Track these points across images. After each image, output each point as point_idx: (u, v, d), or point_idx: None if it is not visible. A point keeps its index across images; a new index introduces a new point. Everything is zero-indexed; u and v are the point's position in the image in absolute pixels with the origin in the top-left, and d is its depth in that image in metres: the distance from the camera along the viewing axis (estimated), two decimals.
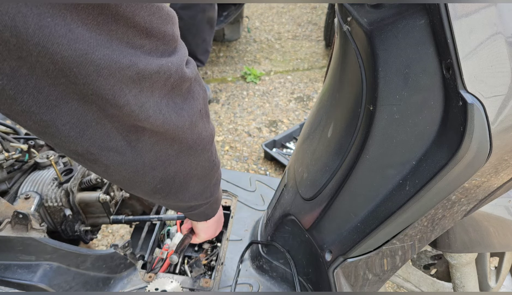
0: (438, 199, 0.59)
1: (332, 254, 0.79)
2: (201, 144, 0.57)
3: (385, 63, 0.58)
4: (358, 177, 0.69)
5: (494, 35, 0.48)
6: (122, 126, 0.44)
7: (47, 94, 0.37)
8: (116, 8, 0.35)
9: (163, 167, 0.54)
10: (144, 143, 0.48)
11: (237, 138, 2.59)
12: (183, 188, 0.63)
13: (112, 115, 0.42)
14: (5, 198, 1.08)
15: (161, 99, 0.45)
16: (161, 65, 0.42)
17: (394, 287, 1.70)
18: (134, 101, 0.41)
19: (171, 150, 0.53)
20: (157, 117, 0.45)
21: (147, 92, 0.42)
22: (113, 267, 1.03)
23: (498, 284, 1.08)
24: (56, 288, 0.92)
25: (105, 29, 0.35)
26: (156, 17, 0.40)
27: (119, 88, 0.39)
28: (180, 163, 0.56)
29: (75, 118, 0.40)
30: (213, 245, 1.25)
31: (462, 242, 0.80)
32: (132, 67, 0.38)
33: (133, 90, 0.40)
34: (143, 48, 0.40)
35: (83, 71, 0.35)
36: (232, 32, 3.78)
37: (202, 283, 1.04)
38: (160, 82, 0.43)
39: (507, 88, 0.49)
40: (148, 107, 0.43)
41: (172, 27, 0.44)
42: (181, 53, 0.47)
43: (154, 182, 0.56)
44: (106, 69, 0.36)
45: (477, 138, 0.50)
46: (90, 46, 0.34)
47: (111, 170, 0.50)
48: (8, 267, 0.92)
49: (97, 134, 0.43)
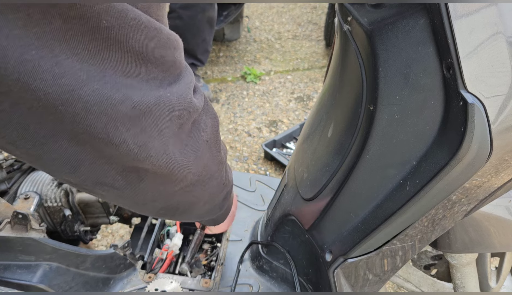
0: (438, 199, 0.59)
1: (332, 254, 0.79)
2: (208, 174, 0.54)
3: (386, 63, 0.58)
4: (358, 177, 0.69)
5: (495, 35, 0.48)
6: (121, 166, 0.40)
7: (33, 131, 0.33)
8: (107, 32, 0.31)
9: (165, 200, 0.51)
10: (146, 184, 0.45)
11: (237, 138, 2.59)
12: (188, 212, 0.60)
13: (110, 156, 0.38)
14: (5, 198, 1.08)
15: (169, 139, 0.41)
16: (159, 96, 0.37)
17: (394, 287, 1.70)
18: (132, 140, 0.37)
19: (177, 187, 0.49)
20: (160, 158, 0.41)
21: (151, 132, 0.38)
22: (113, 267, 1.03)
23: (499, 285, 1.08)
24: (55, 288, 0.92)
25: (97, 58, 0.32)
26: (153, 41, 0.35)
27: (113, 127, 0.35)
28: (185, 195, 0.53)
29: (65, 157, 0.36)
30: (213, 245, 1.25)
31: (462, 242, 0.80)
32: (126, 102, 0.34)
33: (132, 129, 0.36)
34: (139, 77, 0.35)
35: (70, 109, 0.32)
36: (232, 32, 3.78)
37: (202, 283, 1.04)
38: (164, 117, 0.38)
39: (507, 88, 0.49)
40: (151, 147, 0.39)
41: (174, 52, 0.39)
42: (185, 81, 0.42)
43: (155, 209, 0.53)
44: (96, 106, 0.32)
45: (477, 138, 0.50)
46: (78, 80, 0.31)
47: (108, 198, 0.48)
48: (8, 267, 0.92)
49: (92, 172, 0.39)
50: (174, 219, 0.63)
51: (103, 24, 0.30)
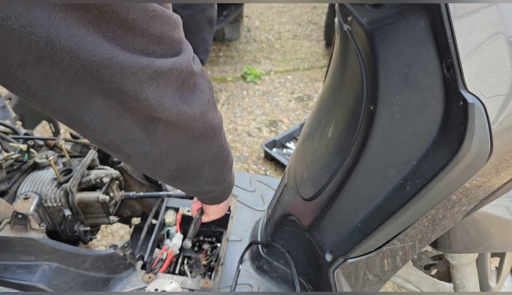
0: (438, 199, 0.59)
1: (333, 255, 0.79)
2: (211, 131, 0.63)
3: (386, 63, 0.58)
4: (358, 177, 0.69)
5: (495, 35, 0.48)
6: (140, 118, 0.50)
7: (76, 94, 0.42)
8: (134, 22, 0.40)
9: (177, 154, 0.60)
10: (160, 133, 0.54)
11: (237, 138, 2.59)
12: (197, 174, 0.69)
13: (131, 109, 0.47)
14: (5, 198, 1.07)
15: (173, 93, 0.51)
16: (173, 62, 0.48)
17: (394, 287, 1.70)
18: (152, 96, 0.47)
19: (184, 137, 0.58)
20: (172, 109, 0.51)
21: (162, 88, 0.48)
22: (113, 268, 1.03)
23: (499, 285, 1.08)
24: (55, 288, 0.92)
25: (123, 40, 0.41)
26: (166, 26, 0.45)
27: (139, 85, 0.44)
28: (193, 149, 0.62)
29: (100, 114, 0.46)
30: (213, 245, 1.25)
31: (462, 242, 0.80)
32: (150, 66, 0.44)
33: (151, 87, 0.46)
34: (155, 54, 0.45)
35: (109, 72, 0.41)
36: (232, 32, 3.78)
37: (202, 284, 1.04)
38: (173, 78, 0.49)
39: (507, 88, 0.49)
40: (165, 101, 0.49)
41: (179, 32, 0.49)
42: (188, 51, 0.52)
43: (171, 169, 0.63)
44: (129, 69, 0.42)
45: (477, 138, 0.50)
46: (113, 52, 0.40)
47: (133, 159, 0.57)
48: (8, 267, 0.92)
49: (119, 128, 0.49)
50: (185, 186, 0.72)
51: (130, 16, 0.40)
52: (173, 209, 1.25)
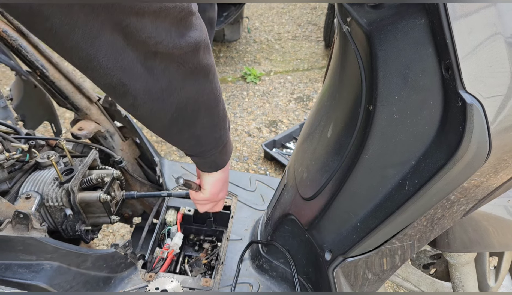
0: (437, 198, 0.59)
1: (332, 254, 0.79)
2: (203, 71, 0.65)
3: (385, 64, 0.58)
4: (357, 176, 0.70)
5: (494, 36, 0.48)
6: (140, 54, 0.54)
7: (91, 28, 0.46)
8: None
9: (176, 92, 0.64)
10: (158, 69, 0.58)
11: (237, 138, 2.60)
12: (195, 118, 0.72)
13: (133, 43, 0.52)
14: (6, 198, 1.08)
15: (170, 26, 0.54)
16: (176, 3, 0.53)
17: (393, 286, 1.70)
18: (151, 25, 0.51)
19: (177, 73, 0.62)
20: (169, 41, 0.54)
21: (160, 18, 0.52)
22: (114, 267, 1.03)
23: (497, 284, 1.09)
24: (56, 287, 0.93)
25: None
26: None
27: (141, 18, 0.49)
28: (188, 87, 0.65)
29: (110, 50, 0.50)
30: (213, 244, 1.25)
31: (461, 242, 0.80)
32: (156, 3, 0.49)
33: (151, 17, 0.50)
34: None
35: (122, 4, 0.46)
36: (232, 33, 3.78)
37: (202, 283, 1.04)
38: (173, 13, 0.53)
39: (506, 89, 0.49)
40: (161, 30, 0.53)
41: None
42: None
43: (172, 109, 0.66)
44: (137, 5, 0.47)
45: (476, 138, 0.50)
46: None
47: (139, 100, 0.60)
48: (9, 266, 0.92)
49: (125, 63, 0.53)
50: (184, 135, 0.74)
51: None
52: (173, 209, 1.25)
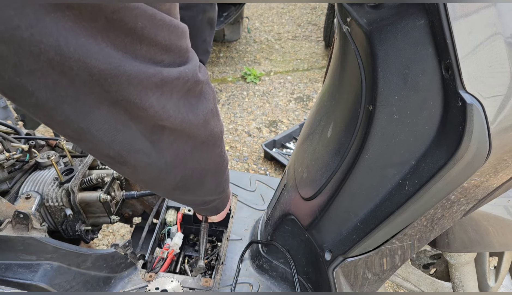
0: (437, 198, 0.59)
1: (332, 254, 0.79)
2: (213, 140, 0.63)
3: (385, 64, 0.58)
4: (357, 176, 0.70)
5: (494, 36, 0.48)
6: (146, 128, 0.50)
7: (83, 102, 0.42)
8: (142, 30, 0.40)
9: (182, 164, 0.60)
10: (165, 143, 0.54)
11: (237, 138, 2.60)
12: (200, 183, 0.69)
13: (137, 118, 0.47)
14: (6, 198, 1.08)
15: (178, 100, 0.51)
16: (180, 71, 0.48)
17: (393, 286, 1.70)
18: (157, 103, 0.47)
19: (187, 146, 0.58)
20: (177, 116, 0.51)
21: (167, 95, 0.48)
22: (114, 267, 1.03)
23: (497, 284, 1.09)
24: (56, 287, 0.93)
25: (130, 49, 0.41)
26: (173, 35, 0.45)
27: (145, 93, 0.44)
28: (196, 158, 0.62)
29: (106, 124, 0.45)
30: (214, 244, 1.25)
31: (461, 242, 0.80)
32: (157, 75, 0.44)
33: (156, 94, 0.46)
34: (163, 63, 0.46)
35: (116, 81, 0.41)
36: (232, 33, 3.78)
37: (202, 282, 1.04)
38: (179, 86, 0.49)
39: (506, 88, 0.49)
40: (169, 108, 0.49)
41: (186, 41, 0.49)
42: (194, 60, 0.52)
43: (176, 179, 0.62)
44: (136, 78, 0.42)
45: (476, 138, 0.50)
46: (121, 61, 0.40)
47: (139, 170, 0.56)
48: (9, 266, 0.92)
49: (126, 138, 0.49)
50: (187, 197, 0.72)
51: (138, 25, 0.40)
52: (174, 209, 1.25)
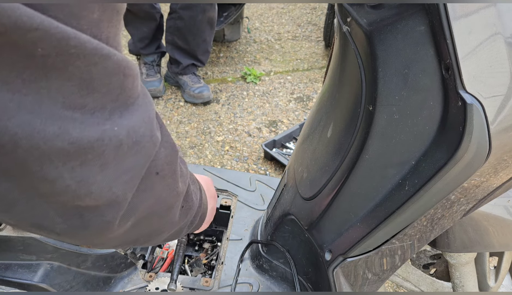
0: (437, 198, 0.59)
1: (332, 254, 0.79)
2: (165, 206, 0.50)
3: (385, 64, 0.58)
4: (357, 176, 0.70)
5: (494, 36, 0.48)
6: (61, 207, 0.36)
7: None
8: (44, 60, 0.28)
9: (117, 240, 0.47)
10: (93, 229, 0.39)
11: (237, 138, 2.60)
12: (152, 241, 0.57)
13: (47, 194, 0.34)
14: None
15: (120, 175, 0.37)
16: (104, 130, 0.33)
17: (393, 286, 1.70)
18: (69, 175, 0.32)
19: (127, 225, 0.44)
20: (103, 194, 0.36)
21: (92, 167, 0.34)
22: (114, 267, 1.03)
23: (498, 284, 1.09)
24: (56, 287, 0.93)
25: (33, 88, 0.28)
26: (98, 68, 0.31)
27: (47, 161, 0.31)
28: (140, 230, 0.49)
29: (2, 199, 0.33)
30: (213, 244, 1.25)
31: (461, 242, 0.80)
32: (61, 137, 0.30)
33: (69, 164, 0.32)
34: (84, 108, 0.31)
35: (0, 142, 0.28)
36: (232, 33, 3.78)
37: (202, 283, 1.04)
38: (109, 153, 0.34)
39: (506, 89, 0.49)
40: (92, 182, 0.34)
41: (123, 79, 0.34)
42: (140, 112, 0.37)
43: (111, 246, 0.50)
44: (25, 139, 0.29)
45: (476, 138, 0.50)
46: (6, 111, 0.28)
47: (45, 237, 0.44)
48: (9, 266, 0.92)
49: (28, 212, 0.35)
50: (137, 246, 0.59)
51: (38, 52, 0.27)
52: None
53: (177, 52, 2.65)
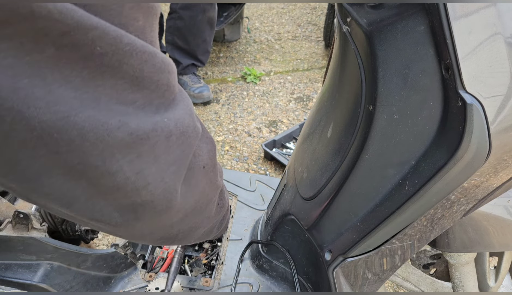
0: (437, 198, 0.59)
1: (332, 254, 0.79)
2: (206, 200, 0.53)
3: (385, 64, 0.58)
4: (357, 176, 0.70)
5: (494, 36, 0.48)
6: (118, 203, 0.39)
7: (25, 167, 0.31)
8: (101, 59, 0.30)
9: (163, 232, 0.50)
10: (144, 223, 0.43)
11: (237, 138, 2.60)
12: (188, 238, 0.60)
13: (106, 190, 0.36)
14: (6, 198, 1.08)
15: (168, 166, 0.40)
16: (156, 122, 0.36)
17: (393, 286, 1.70)
18: (128, 167, 0.35)
19: (175, 219, 0.48)
20: (158, 185, 0.39)
21: (148, 158, 0.37)
22: (114, 267, 1.03)
23: (497, 284, 1.09)
24: (56, 287, 0.93)
25: (91, 85, 0.31)
26: (148, 65, 0.34)
27: (109, 154, 0.33)
28: (184, 224, 0.52)
29: (59, 192, 0.35)
30: (213, 244, 1.25)
31: (461, 242, 0.80)
32: (122, 128, 0.33)
33: (128, 156, 0.35)
34: (135, 104, 0.34)
35: (65, 136, 0.30)
36: (232, 33, 3.78)
37: (202, 283, 1.04)
38: (161, 143, 0.37)
39: (506, 89, 0.49)
40: (148, 174, 0.37)
41: (168, 76, 0.37)
42: (181, 105, 0.40)
43: (154, 239, 0.53)
44: (91, 132, 0.31)
45: (476, 138, 0.50)
46: (73, 107, 0.30)
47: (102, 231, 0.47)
48: (9, 266, 0.92)
49: (88, 208, 0.38)
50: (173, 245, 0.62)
51: (97, 51, 0.30)
52: None
53: (177, 52, 2.65)
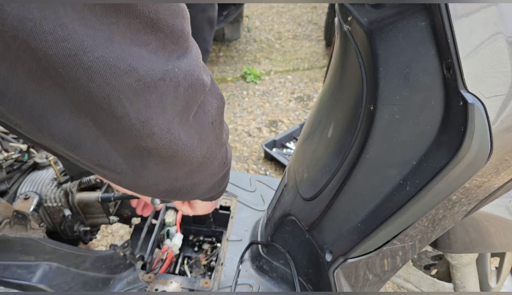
0: (438, 199, 0.59)
1: (333, 255, 0.79)
2: (211, 156, 0.52)
3: (386, 63, 0.58)
4: (358, 177, 0.69)
5: (495, 35, 0.48)
6: (124, 148, 0.38)
7: (32, 103, 0.31)
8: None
9: (168, 184, 0.50)
10: (150, 171, 0.43)
11: (237, 138, 2.59)
12: (190, 194, 0.60)
13: (112, 133, 0.36)
14: (4, 198, 1.07)
15: (174, 117, 0.39)
16: (166, 70, 0.35)
17: (394, 287, 1.70)
18: (135, 115, 0.35)
19: (180, 172, 0.47)
20: (164, 136, 0.39)
21: (155, 108, 0.36)
22: (113, 268, 1.03)
23: (499, 285, 1.08)
24: (55, 288, 0.92)
25: (104, 23, 0.30)
26: (163, 7, 0.33)
27: (116, 98, 0.33)
28: (189, 179, 0.52)
29: (66, 132, 0.34)
30: (213, 245, 1.25)
31: (462, 242, 0.80)
32: (130, 74, 0.32)
33: (136, 104, 0.34)
34: (148, 46, 0.34)
35: (71, 73, 0.30)
36: (232, 32, 3.78)
37: (202, 284, 1.04)
38: (169, 94, 0.36)
39: (507, 88, 0.49)
40: (154, 124, 0.37)
41: (183, 21, 0.36)
42: (192, 56, 0.39)
43: (157, 192, 0.52)
44: (98, 74, 0.31)
45: (477, 138, 0.50)
46: (83, 46, 0.29)
47: (108, 180, 0.47)
48: (7, 267, 0.92)
49: (93, 152, 0.38)
50: (174, 200, 0.63)
51: None
52: (173, 209, 1.25)
53: None
